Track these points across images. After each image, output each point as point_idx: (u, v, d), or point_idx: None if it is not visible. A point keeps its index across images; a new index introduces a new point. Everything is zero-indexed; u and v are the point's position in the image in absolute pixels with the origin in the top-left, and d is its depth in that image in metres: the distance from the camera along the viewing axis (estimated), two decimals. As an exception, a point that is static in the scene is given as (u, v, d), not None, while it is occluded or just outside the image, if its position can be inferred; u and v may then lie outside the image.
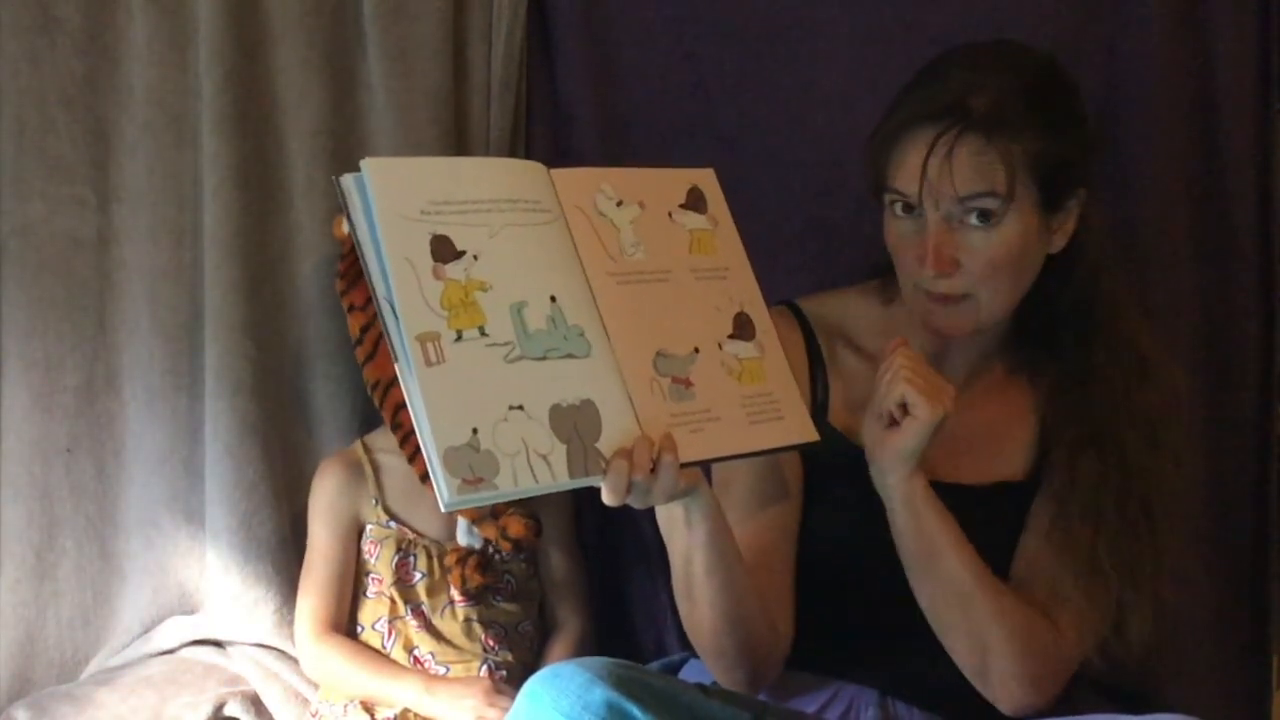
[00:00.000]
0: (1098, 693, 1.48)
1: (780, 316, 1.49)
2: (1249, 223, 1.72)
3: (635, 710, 1.14)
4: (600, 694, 1.14)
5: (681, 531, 1.26)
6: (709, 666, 1.37)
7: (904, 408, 1.27)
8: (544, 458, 1.11)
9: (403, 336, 1.10)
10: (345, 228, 1.14)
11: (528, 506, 1.63)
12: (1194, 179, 1.71)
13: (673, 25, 1.76)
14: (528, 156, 1.76)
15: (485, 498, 1.09)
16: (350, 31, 1.73)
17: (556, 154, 1.77)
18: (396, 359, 1.10)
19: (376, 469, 1.67)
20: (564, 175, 1.23)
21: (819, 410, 1.45)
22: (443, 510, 1.09)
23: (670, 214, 1.27)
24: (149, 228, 1.73)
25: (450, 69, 1.72)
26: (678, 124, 1.77)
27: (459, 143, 1.73)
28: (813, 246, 1.75)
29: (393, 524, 1.64)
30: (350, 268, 1.62)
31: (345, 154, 1.73)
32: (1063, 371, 1.42)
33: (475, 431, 1.09)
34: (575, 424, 1.14)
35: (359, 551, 1.67)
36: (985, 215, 1.30)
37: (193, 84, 1.71)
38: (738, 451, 1.23)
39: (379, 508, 1.65)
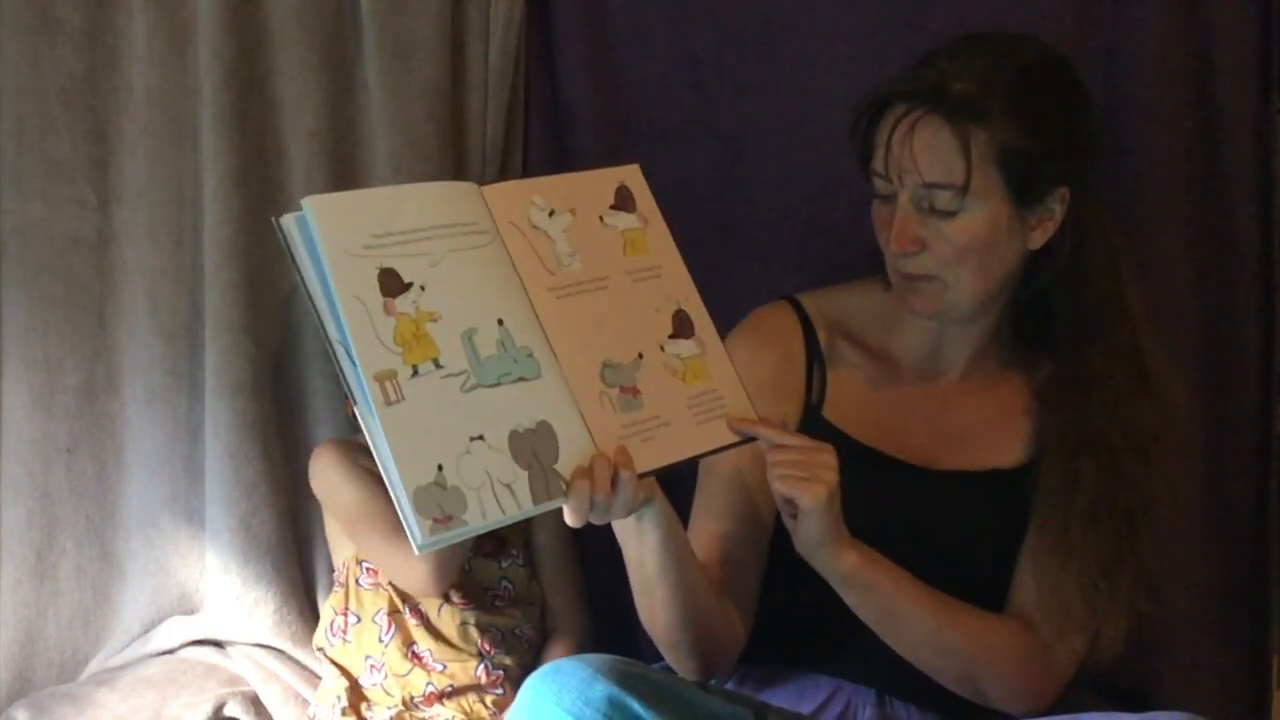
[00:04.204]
0: (1096, 692, 1.49)
1: (780, 311, 1.50)
2: (1249, 223, 1.72)
3: (637, 705, 1.14)
4: (602, 689, 1.14)
5: (634, 537, 1.27)
6: (664, 655, 1.38)
7: (792, 502, 1.26)
8: (508, 487, 1.11)
9: (360, 378, 1.08)
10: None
11: None
12: (1194, 179, 1.71)
13: (673, 25, 1.76)
14: (527, 156, 1.77)
15: (457, 534, 1.09)
16: (348, 29, 1.73)
17: (556, 153, 1.77)
18: (355, 401, 1.09)
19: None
20: (495, 192, 1.21)
21: (815, 405, 1.46)
22: (416, 554, 1.09)
23: (601, 217, 1.27)
24: (149, 228, 1.73)
25: (448, 66, 1.71)
26: (678, 124, 1.77)
27: (456, 140, 1.73)
28: (813, 246, 1.75)
29: None
30: None
31: (344, 153, 1.73)
32: (1060, 373, 1.42)
33: (440, 468, 1.08)
34: (534, 448, 1.13)
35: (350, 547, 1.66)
36: (946, 203, 1.32)
37: (193, 84, 1.71)
38: (688, 455, 1.23)
39: None
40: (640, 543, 1.27)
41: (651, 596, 1.32)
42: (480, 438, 1.11)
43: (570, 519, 1.16)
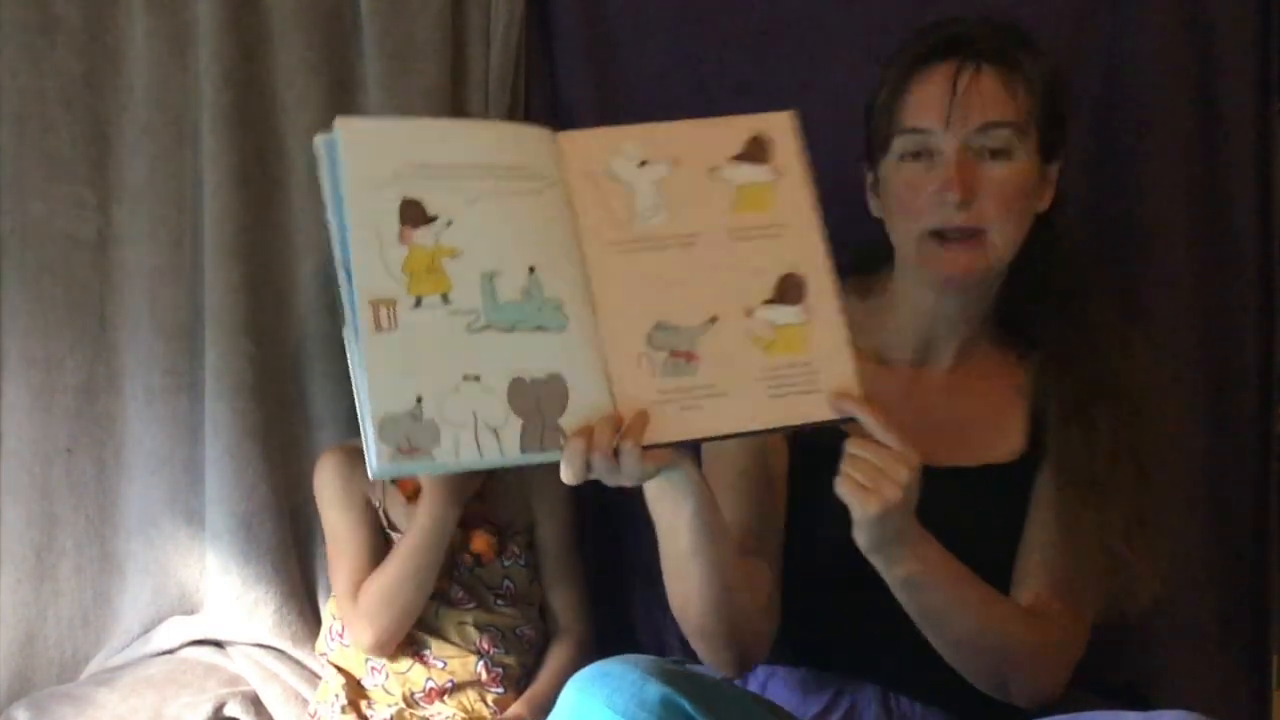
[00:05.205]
0: (1096, 692, 1.49)
1: None
2: (1249, 223, 1.72)
3: (688, 706, 1.12)
4: (655, 691, 1.12)
5: (667, 506, 1.24)
6: (695, 648, 1.36)
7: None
8: (494, 431, 1.09)
9: (354, 299, 1.07)
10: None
11: (494, 525, 1.64)
12: (1194, 179, 1.71)
13: (673, 25, 1.76)
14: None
15: (420, 468, 1.08)
16: (349, 30, 1.73)
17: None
18: (346, 323, 1.08)
19: None
20: (574, 138, 1.17)
21: None
22: (371, 478, 1.08)
23: (714, 169, 1.20)
24: (149, 228, 1.73)
25: (448, 68, 1.72)
26: (678, 124, 1.77)
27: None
28: (812, 246, 1.74)
29: (395, 534, 1.63)
30: None
31: (345, 154, 1.73)
32: (1049, 345, 1.43)
33: (419, 400, 1.07)
34: (538, 398, 1.11)
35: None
36: (1004, 141, 1.34)
37: (193, 84, 1.71)
38: (740, 430, 1.17)
39: (380, 510, 1.64)
40: (673, 513, 1.24)
41: (685, 578, 1.28)
42: (475, 378, 1.09)
43: (565, 475, 1.13)
